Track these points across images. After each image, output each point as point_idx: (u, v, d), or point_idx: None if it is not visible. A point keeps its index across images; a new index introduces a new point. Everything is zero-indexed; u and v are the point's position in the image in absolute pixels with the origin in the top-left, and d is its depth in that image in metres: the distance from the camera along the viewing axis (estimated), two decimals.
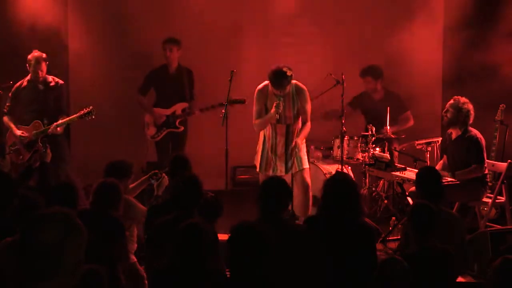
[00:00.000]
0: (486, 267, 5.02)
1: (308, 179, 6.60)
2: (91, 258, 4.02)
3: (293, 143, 6.48)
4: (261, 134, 6.70)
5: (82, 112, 7.11)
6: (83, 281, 3.59)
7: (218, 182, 7.17)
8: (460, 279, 5.03)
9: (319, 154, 7.70)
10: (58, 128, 7.11)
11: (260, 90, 6.54)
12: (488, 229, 6.10)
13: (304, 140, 6.66)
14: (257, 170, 6.71)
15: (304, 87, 6.56)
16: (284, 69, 6.30)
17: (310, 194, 6.57)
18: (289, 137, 6.56)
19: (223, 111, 6.80)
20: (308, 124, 6.57)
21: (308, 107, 6.55)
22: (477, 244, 5.59)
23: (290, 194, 4.62)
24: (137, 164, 7.79)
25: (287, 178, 6.13)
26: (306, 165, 6.62)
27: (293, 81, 6.49)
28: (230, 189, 7.58)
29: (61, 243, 2.50)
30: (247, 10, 8.65)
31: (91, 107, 7.12)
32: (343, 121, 6.95)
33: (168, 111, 7.72)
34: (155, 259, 4.36)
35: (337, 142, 7.21)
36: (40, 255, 2.46)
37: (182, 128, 7.73)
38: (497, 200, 6.60)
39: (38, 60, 7.14)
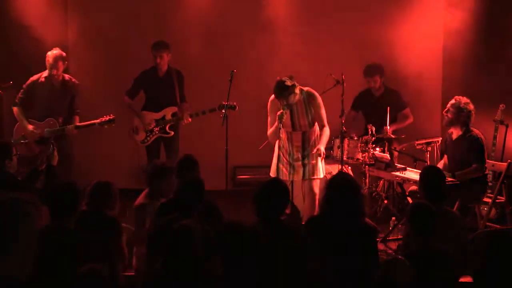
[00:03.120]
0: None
1: (316, 189, 6.52)
2: (91, 258, 4.05)
3: (315, 150, 6.39)
4: (277, 141, 6.63)
5: (104, 118, 7.11)
6: (84, 280, 3.60)
7: (218, 182, 7.16)
8: (460, 279, 5.02)
9: None
10: (75, 130, 7.13)
11: (272, 101, 6.49)
12: (488, 229, 6.10)
13: (327, 139, 6.60)
14: (272, 175, 6.54)
15: (315, 93, 6.52)
16: (284, 79, 6.28)
17: (316, 203, 6.51)
18: (305, 143, 6.53)
19: (223, 111, 6.79)
20: (326, 128, 6.51)
21: (322, 112, 6.51)
22: (477, 244, 5.58)
23: (288, 195, 4.60)
24: (137, 164, 7.83)
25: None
26: (318, 175, 6.54)
27: (305, 88, 6.47)
28: (230, 189, 7.57)
29: (8, 228, 2.51)
30: (247, 10, 8.65)
31: (113, 116, 7.11)
32: (343, 121, 6.95)
33: (158, 115, 7.57)
34: (155, 260, 4.36)
35: (337, 142, 7.20)
36: None
37: (172, 133, 7.57)
38: (497, 200, 6.60)
39: (55, 59, 7.14)
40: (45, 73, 7.24)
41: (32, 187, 5.61)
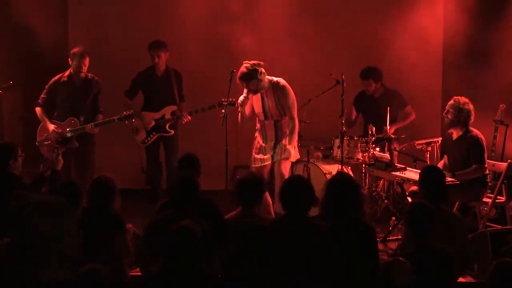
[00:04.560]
0: (486, 267, 5.01)
1: (284, 171, 6.66)
2: (96, 255, 4.05)
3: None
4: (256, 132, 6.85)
5: (122, 114, 7.09)
6: (84, 280, 3.60)
7: (218, 182, 7.16)
8: (460, 279, 5.03)
9: (319, 154, 7.69)
10: (95, 129, 7.10)
11: None
12: (488, 229, 6.10)
13: (295, 135, 6.71)
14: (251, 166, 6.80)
15: (282, 83, 6.64)
16: (243, 65, 6.50)
17: None
18: (277, 132, 6.71)
19: (223, 111, 6.79)
20: (294, 123, 6.63)
21: (290, 103, 6.63)
22: (477, 244, 5.58)
23: (313, 192, 4.58)
24: (137, 164, 7.82)
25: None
26: (287, 156, 6.65)
27: (275, 79, 6.58)
28: (230, 189, 7.56)
29: (56, 231, 2.50)
30: (247, 10, 8.65)
31: (132, 111, 7.11)
32: (343, 121, 6.95)
33: (157, 115, 7.52)
34: (150, 260, 4.36)
35: (337, 142, 7.20)
36: (36, 243, 2.47)
37: (172, 132, 7.54)
38: (497, 200, 6.60)
39: (83, 54, 7.06)
40: (67, 72, 7.17)
41: (39, 192, 5.59)
